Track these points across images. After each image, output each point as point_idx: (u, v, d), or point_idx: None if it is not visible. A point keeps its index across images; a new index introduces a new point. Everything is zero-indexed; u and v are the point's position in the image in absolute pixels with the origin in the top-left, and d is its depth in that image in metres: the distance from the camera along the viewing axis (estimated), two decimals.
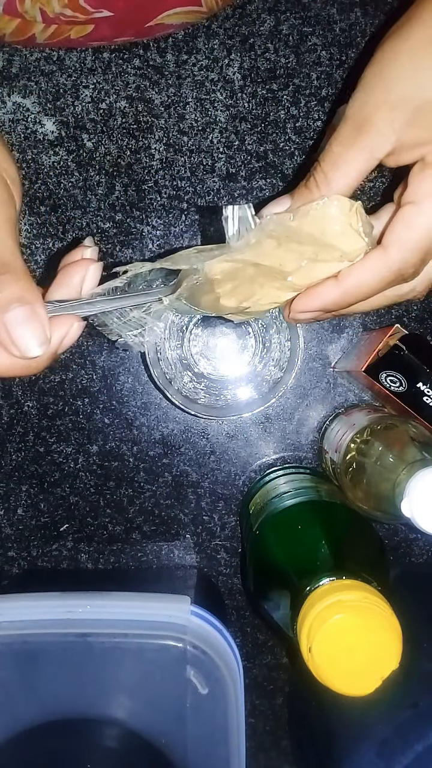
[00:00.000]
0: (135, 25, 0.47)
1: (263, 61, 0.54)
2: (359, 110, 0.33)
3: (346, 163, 0.33)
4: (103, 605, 0.47)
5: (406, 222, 0.34)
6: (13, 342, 0.31)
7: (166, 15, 0.47)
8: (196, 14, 0.48)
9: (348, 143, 0.33)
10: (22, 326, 0.31)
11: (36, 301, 0.32)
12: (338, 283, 0.35)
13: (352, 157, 0.33)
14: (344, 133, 0.33)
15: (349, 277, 0.35)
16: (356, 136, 0.33)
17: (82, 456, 0.58)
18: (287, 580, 0.41)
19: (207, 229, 0.55)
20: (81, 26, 0.45)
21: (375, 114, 0.32)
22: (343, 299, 0.35)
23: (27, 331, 0.31)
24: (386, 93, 0.32)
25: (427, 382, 0.49)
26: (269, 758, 0.61)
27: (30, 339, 0.31)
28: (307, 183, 0.35)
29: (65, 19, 0.44)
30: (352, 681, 0.36)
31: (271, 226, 0.34)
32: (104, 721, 0.48)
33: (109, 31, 0.47)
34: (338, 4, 0.54)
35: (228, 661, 0.46)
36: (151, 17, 0.46)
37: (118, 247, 0.56)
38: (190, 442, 0.58)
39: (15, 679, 0.47)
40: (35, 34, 0.46)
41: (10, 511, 0.59)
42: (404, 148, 0.33)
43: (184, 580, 0.58)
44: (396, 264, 0.34)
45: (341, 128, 0.33)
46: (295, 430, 0.58)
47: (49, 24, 0.45)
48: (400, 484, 0.41)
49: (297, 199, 0.35)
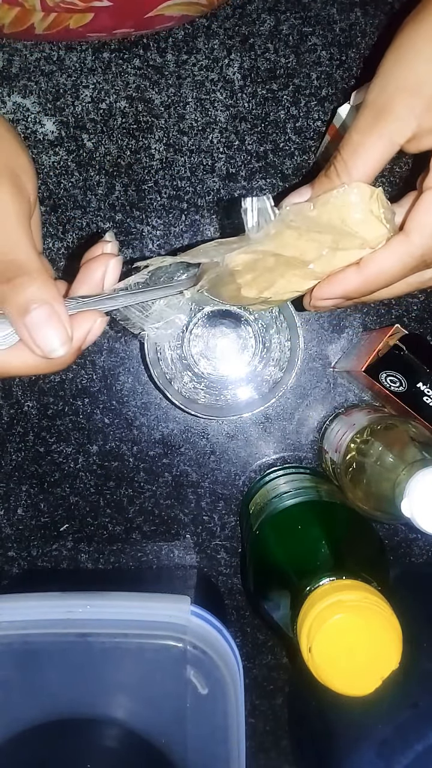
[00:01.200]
0: (134, 16, 0.47)
1: (263, 61, 0.54)
2: (378, 97, 0.33)
3: (366, 151, 0.33)
4: (103, 605, 0.47)
5: (427, 207, 0.33)
6: (36, 343, 0.31)
7: (166, 6, 0.46)
8: (196, 6, 0.48)
9: (367, 130, 0.33)
10: (44, 327, 0.31)
11: (55, 300, 0.31)
12: (360, 270, 0.34)
13: (371, 143, 0.33)
14: (363, 120, 0.33)
15: (371, 264, 0.34)
16: (375, 122, 0.32)
17: (82, 456, 0.58)
18: (287, 580, 0.41)
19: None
20: (80, 15, 0.45)
21: (394, 100, 0.32)
22: (364, 286, 0.35)
23: (49, 332, 0.31)
24: (405, 79, 0.32)
25: (427, 382, 0.49)
26: (269, 758, 0.61)
27: (53, 339, 0.31)
28: (327, 171, 0.34)
29: (64, 6, 0.44)
30: (352, 681, 0.36)
31: (290, 217, 0.34)
32: (104, 721, 0.48)
33: (108, 21, 0.47)
34: (338, 4, 0.54)
35: (228, 661, 0.46)
36: (151, 7, 0.46)
37: (118, 247, 0.56)
38: (190, 442, 0.58)
39: (15, 679, 0.47)
40: (34, 23, 0.46)
41: (10, 511, 0.59)
42: (424, 133, 0.33)
43: (184, 580, 0.58)
44: (418, 250, 0.33)
45: (360, 115, 0.33)
46: (295, 430, 0.58)
47: (49, 12, 0.44)
48: (400, 484, 0.41)
49: (317, 188, 0.35)
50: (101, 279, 0.34)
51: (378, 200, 0.33)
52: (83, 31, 0.47)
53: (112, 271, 0.34)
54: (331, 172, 0.34)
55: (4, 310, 0.32)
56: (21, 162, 0.33)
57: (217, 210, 0.55)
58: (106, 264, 0.34)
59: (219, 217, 0.55)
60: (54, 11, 0.45)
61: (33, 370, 0.33)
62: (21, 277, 0.31)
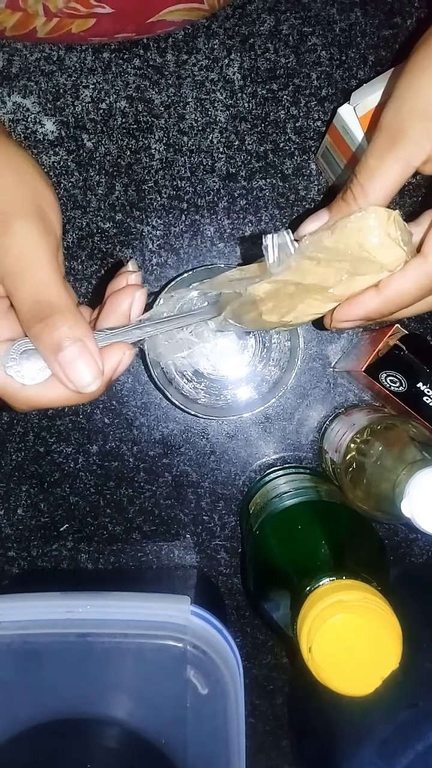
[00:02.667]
0: (136, 21, 0.47)
1: (263, 61, 0.54)
2: (392, 121, 0.33)
3: (383, 174, 0.33)
4: (103, 605, 0.47)
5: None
6: (70, 379, 0.32)
7: (168, 11, 0.47)
8: (197, 12, 0.48)
9: (383, 154, 0.33)
10: (76, 364, 0.32)
11: (86, 337, 0.32)
12: (379, 293, 0.35)
13: (388, 167, 0.33)
14: (379, 144, 0.33)
15: (390, 286, 0.35)
16: (391, 146, 0.33)
17: (82, 456, 0.58)
18: (287, 580, 0.41)
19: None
20: (82, 20, 0.45)
21: (408, 124, 0.33)
22: (384, 308, 0.36)
23: (82, 369, 0.32)
24: (418, 102, 0.33)
25: (427, 382, 0.49)
26: (269, 758, 0.61)
27: (85, 375, 0.32)
28: (344, 196, 0.35)
29: (67, 12, 0.44)
30: (352, 681, 0.36)
31: (310, 249, 0.35)
32: (104, 721, 0.48)
33: (110, 26, 0.47)
34: (338, 4, 0.54)
35: (228, 661, 0.46)
36: (153, 13, 0.46)
37: (118, 247, 0.56)
38: (190, 442, 0.58)
39: (15, 679, 0.47)
40: (36, 27, 0.46)
41: (10, 511, 0.59)
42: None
43: (184, 580, 0.58)
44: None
45: (375, 139, 0.34)
46: (295, 430, 0.58)
47: (51, 18, 0.45)
48: (400, 484, 0.41)
49: (335, 213, 0.36)
50: (128, 310, 0.35)
51: (395, 223, 0.34)
52: (85, 35, 0.47)
53: (138, 302, 0.35)
54: (348, 196, 0.35)
55: (38, 346, 0.33)
56: (46, 197, 0.34)
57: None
58: (132, 295, 0.35)
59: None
60: (56, 16, 0.45)
61: (65, 402, 0.34)
62: (53, 315, 0.32)
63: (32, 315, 0.32)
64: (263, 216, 0.56)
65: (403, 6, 0.54)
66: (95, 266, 0.56)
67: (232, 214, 0.55)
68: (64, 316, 0.32)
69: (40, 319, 0.32)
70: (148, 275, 0.56)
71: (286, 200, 0.55)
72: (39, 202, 0.33)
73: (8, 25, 0.45)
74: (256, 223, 0.56)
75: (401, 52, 0.54)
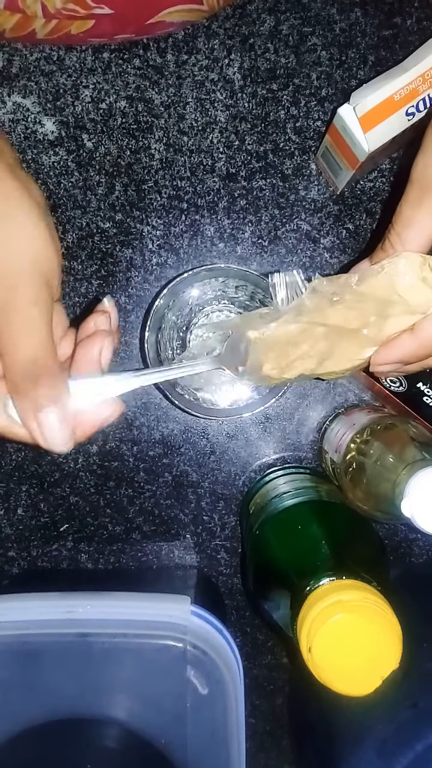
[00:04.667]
0: (136, 22, 0.47)
1: (263, 61, 0.54)
2: (423, 173, 0.35)
3: (418, 223, 0.36)
4: (103, 605, 0.47)
5: None
6: (44, 439, 0.34)
7: (167, 12, 0.47)
8: (197, 13, 0.48)
9: (416, 205, 0.36)
10: (53, 429, 0.33)
11: (66, 404, 0.34)
12: (414, 335, 0.36)
13: (423, 216, 0.36)
14: (412, 195, 0.36)
15: (424, 329, 0.36)
16: (423, 197, 0.35)
17: (82, 456, 0.58)
18: (287, 580, 0.41)
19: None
20: (81, 21, 0.45)
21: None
22: (421, 350, 0.37)
23: (57, 434, 0.33)
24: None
25: (427, 382, 0.49)
26: (269, 758, 0.61)
27: (58, 440, 0.34)
28: (383, 245, 0.37)
29: (66, 13, 0.44)
30: (352, 681, 0.36)
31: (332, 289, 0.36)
32: (104, 721, 0.48)
33: (109, 27, 0.47)
34: (338, 4, 0.54)
35: (228, 661, 0.46)
36: (152, 14, 0.46)
37: (118, 247, 0.56)
38: (190, 442, 0.58)
39: (15, 679, 0.47)
40: (35, 29, 0.46)
41: (10, 511, 0.59)
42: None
43: (184, 580, 0.58)
44: None
45: (409, 191, 0.36)
46: (295, 430, 0.58)
47: (50, 19, 0.45)
48: (400, 484, 0.41)
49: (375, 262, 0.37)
50: (98, 357, 0.35)
51: (429, 267, 0.35)
52: (84, 36, 0.47)
53: (107, 350, 0.36)
54: (387, 246, 0.37)
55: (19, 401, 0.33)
56: (52, 266, 0.34)
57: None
58: (101, 343, 0.35)
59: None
60: (55, 18, 0.45)
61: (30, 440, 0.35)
62: (42, 376, 0.33)
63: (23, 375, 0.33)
64: (263, 216, 0.56)
65: (403, 6, 0.54)
66: (95, 266, 0.56)
67: (232, 214, 0.56)
68: (53, 378, 0.33)
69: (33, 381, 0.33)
70: (148, 275, 0.56)
71: (286, 200, 0.55)
72: (41, 262, 0.33)
73: (8, 26, 0.45)
74: (256, 223, 0.56)
75: (401, 52, 0.54)
